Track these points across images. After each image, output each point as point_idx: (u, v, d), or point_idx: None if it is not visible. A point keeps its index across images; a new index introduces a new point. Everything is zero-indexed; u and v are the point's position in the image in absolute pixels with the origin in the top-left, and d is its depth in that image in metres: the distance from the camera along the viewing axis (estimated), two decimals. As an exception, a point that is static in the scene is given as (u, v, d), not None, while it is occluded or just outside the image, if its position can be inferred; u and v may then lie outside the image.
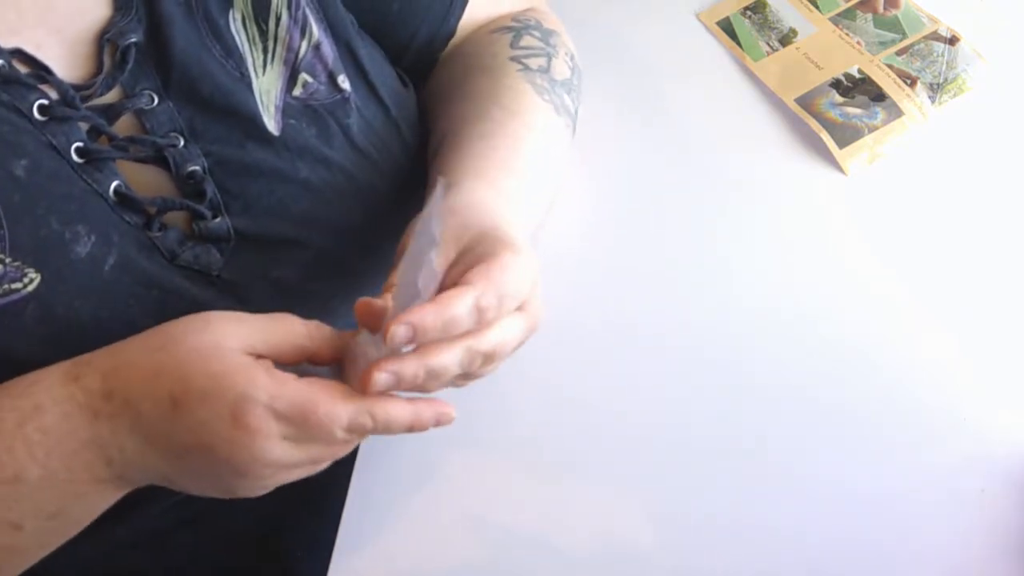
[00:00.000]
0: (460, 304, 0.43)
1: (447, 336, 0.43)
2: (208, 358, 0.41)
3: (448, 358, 0.44)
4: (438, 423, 0.45)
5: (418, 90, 0.66)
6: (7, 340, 0.45)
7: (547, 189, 0.61)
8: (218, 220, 0.52)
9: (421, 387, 0.44)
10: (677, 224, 0.72)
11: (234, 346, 0.42)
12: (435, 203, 0.40)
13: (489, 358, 0.46)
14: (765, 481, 0.60)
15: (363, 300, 0.44)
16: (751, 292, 0.68)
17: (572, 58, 0.68)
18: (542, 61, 0.64)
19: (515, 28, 0.66)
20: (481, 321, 0.44)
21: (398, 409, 0.43)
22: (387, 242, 0.59)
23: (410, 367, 0.42)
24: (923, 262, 0.68)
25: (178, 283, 0.51)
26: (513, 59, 0.64)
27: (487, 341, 0.45)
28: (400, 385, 0.43)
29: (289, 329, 0.44)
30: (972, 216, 0.71)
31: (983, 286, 0.67)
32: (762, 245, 0.70)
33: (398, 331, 0.41)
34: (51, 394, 0.42)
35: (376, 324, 0.43)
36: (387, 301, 0.43)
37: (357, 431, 0.43)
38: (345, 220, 0.56)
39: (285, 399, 0.41)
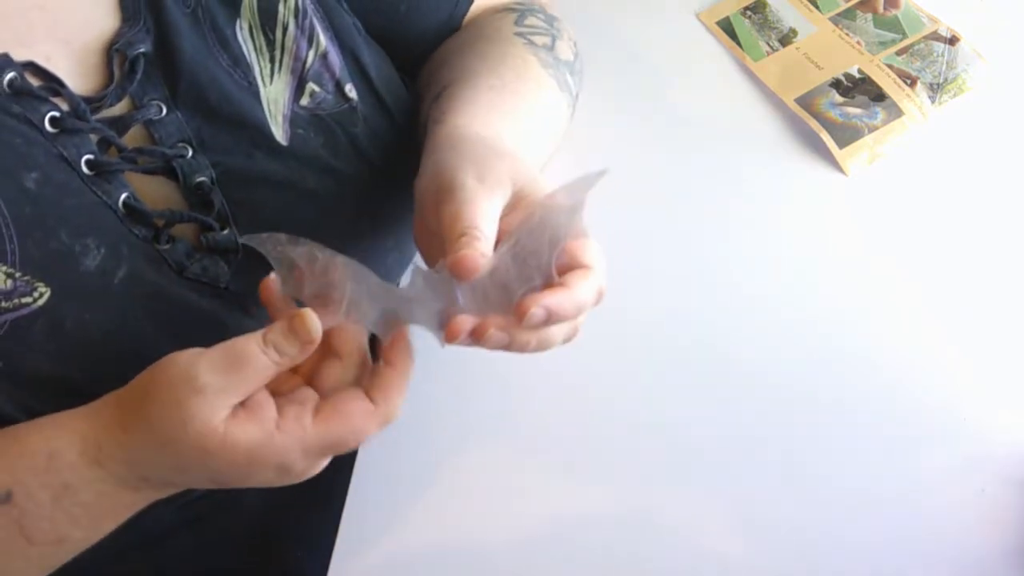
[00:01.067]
0: (588, 290, 0.44)
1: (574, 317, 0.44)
2: (220, 453, 0.41)
3: (557, 331, 0.45)
4: None
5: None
6: (17, 354, 0.45)
7: (544, 153, 0.60)
8: (226, 232, 0.52)
9: (521, 351, 0.44)
10: (677, 224, 0.72)
11: (221, 423, 0.41)
12: (578, 192, 0.41)
13: (575, 331, 0.47)
14: (765, 480, 0.60)
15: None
16: (751, 292, 0.68)
17: (575, 44, 0.68)
18: (547, 40, 0.64)
19: (519, 9, 0.66)
20: (598, 300, 0.45)
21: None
22: (394, 250, 0.59)
23: (524, 335, 0.43)
24: (923, 262, 0.68)
25: (186, 296, 0.51)
26: (518, 34, 0.63)
27: (584, 315, 0.46)
28: (511, 345, 0.43)
29: (256, 373, 0.41)
30: (972, 216, 0.71)
31: (983, 286, 0.67)
32: (762, 245, 0.70)
33: (537, 313, 0.41)
34: (79, 475, 0.42)
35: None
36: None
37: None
38: (352, 228, 0.56)
39: (313, 444, 0.42)
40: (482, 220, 0.44)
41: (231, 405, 0.41)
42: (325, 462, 0.44)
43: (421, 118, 0.62)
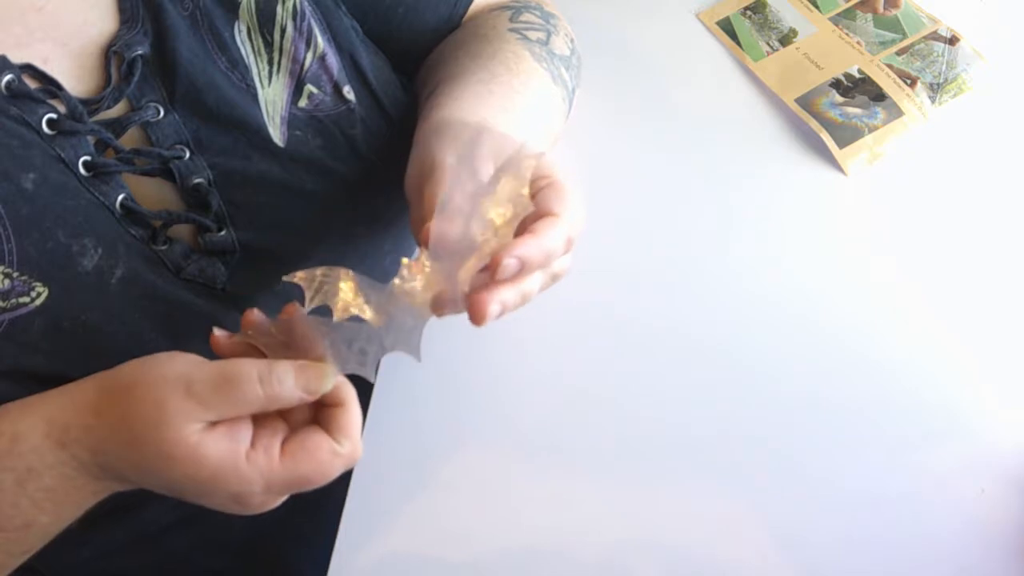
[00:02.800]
0: (556, 236, 0.44)
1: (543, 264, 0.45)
2: (186, 462, 0.40)
3: (536, 281, 0.46)
4: None
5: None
6: (16, 353, 0.46)
7: (539, 143, 0.60)
8: (223, 233, 0.52)
9: (513, 308, 0.46)
10: (677, 224, 0.72)
11: (196, 435, 0.40)
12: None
13: (558, 277, 0.48)
14: (766, 480, 0.60)
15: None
16: (751, 292, 0.68)
17: (572, 41, 0.68)
18: (541, 35, 0.64)
19: (514, 7, 0.66)
20: (568, 247, 0.46)
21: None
22: (391, 251, 0.59)
23: (511, 296, 0.45)
24: (923, 262, 0.68)
25: (183, 296, 0.51)
26: (512, 30, 0.64)
27: (561, 264, 0.47)
28: (503, 311, 0.45)
29: (244, 400, 0.41)
30: (972, 216, 0.71)
31: (983, 286, 0.67)
32: (762, 245, 0.70)
33: (509, 264, 0.43)
34: (42, 459, 0.42)
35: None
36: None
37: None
38: (349, 229, 0.56)
39: (278, 481, 0.42)
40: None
41: (205, 421, 0.41)
42: (283, 498, 0.44)
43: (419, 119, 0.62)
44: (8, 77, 0.46)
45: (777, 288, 0.68)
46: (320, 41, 0.55)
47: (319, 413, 0.44)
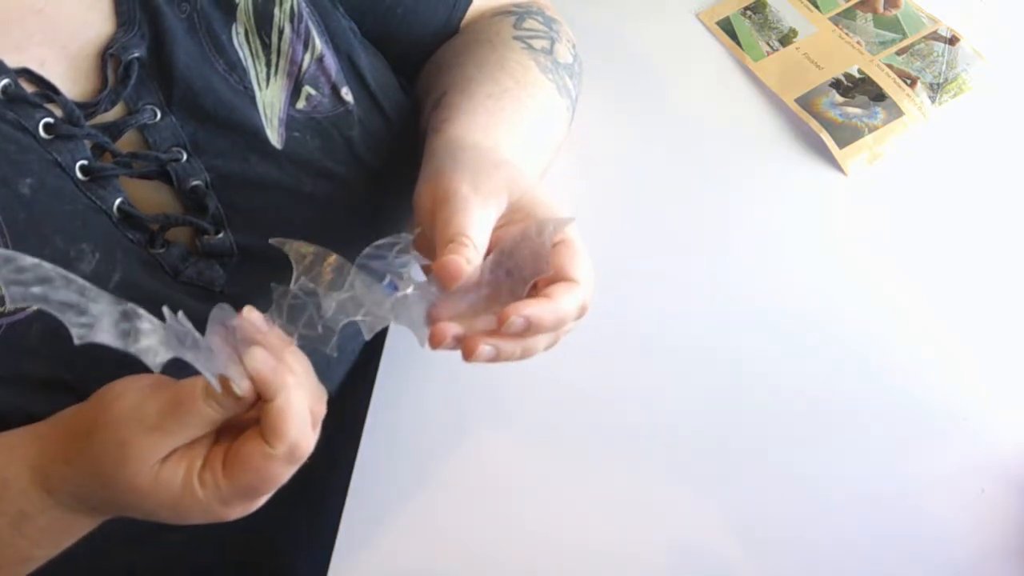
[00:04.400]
0: (571, 302, 0.44)
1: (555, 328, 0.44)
2: (151, 493, 0.41)
3: (540, 341, 0.46)
4: None
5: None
6: (14, 359, 0.46)
7: (545, 160, 0.60)
8: (221, 235, 0.52)
9: (507, 359, 0.45)
10: (677, 224, 0.72)
11: (158, 463, 0.40)
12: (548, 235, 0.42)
13: (559, 338, 0.48)
14: (765, 480, 0.60)
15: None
16: (751, 292, 0.68)
17: (574, 47, 0.68)
18: (545, 43, 0.64)
19: (517, 12, 0.66)
20: (581, 314, 0.45)
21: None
22: None
23: (509, 346, 0.44)
24: (923, 262, 0.68)
25: (181, 300, 0.51)
26: (517, 38, 0.63)
27: (569, 327, 0.47)
28: (497, 358, 0.44)
29: (200, 421, 0.41)
30: (972, 216, 0.71)
31: (983, 286, 0.67)
32: (762, 245, 0.70)
33: (515, 321, 0.42)
34: (32, 504, 0.42)
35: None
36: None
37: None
38: (347, 231, 0.56)
39: (229, 495, 0.41)
40: (472, 228, 0.44)
41: (173, 447, 0.41)
42: (259, 502, 0.43)
43: (421, 126, 0.62)
44: (4, 81, 0.46)
45: (777, 288, 0.68)
46: (318, 43, 0.55)
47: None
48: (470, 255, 0.43)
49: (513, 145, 0.55)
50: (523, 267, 0.44)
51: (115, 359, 0.47)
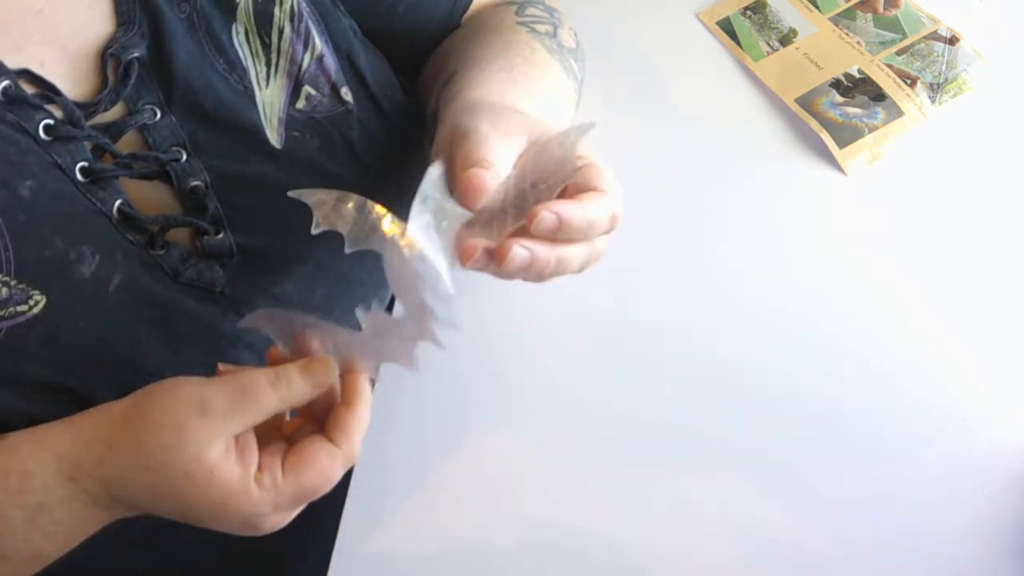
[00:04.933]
0: (600, 208, 0.43)
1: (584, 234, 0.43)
2: (202, 485, 0.41)
3: (576, 252, 0.44)
4: None
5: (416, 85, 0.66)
6: (14, 362, 0.45)
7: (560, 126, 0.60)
8: (221, 236, 0.52)
9: (540, 273, 0.44)
10: (677, 224, 0.72)
11: (214, 454, 0.41)
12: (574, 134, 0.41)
13: (596, 257, 0.46)
14: (765, 480, 0.60)
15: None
16: (751, 292, 0.68)
17: (575, 34, 0.68)
18: (549, 28, 0.64)
19: (518, 1, 0.67)
20: (612, 225, 0.44)
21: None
22: None
23: (544, 251, 0.43)
24: (923, 262, 0.68)
25: (181, 301, 0.51)
26: (521, 23, 0.64)
27: (602, 242, 0.46)
28: (532, 265, 0.43)
29: (260, 407, 0.42)
30: (972, 216, 0.71)
31: (983, 286, 0.67)
32: (762, 245, 0.70)
33: (546, 216, 0.41)
34: (53, 495, 0.43)
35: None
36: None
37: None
38: None
39: (286, 498, 0.43)
40: (493, 156, 0.43)
41: (231, 434, 0.42)
42: (292, 516, 0.45)
43: (430, 108, 0.61)
44: (4, 83, 0.46)
45: (777, 288, 0.68)
46: (318, 42, 0.55)
47: (329, 413, 0.45)
48: (492, 175, 0.42)
49: (531, 108, 0.54)
50: (548, 175, 0.43)
51: (113, 361, 0.47)
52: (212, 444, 0.41)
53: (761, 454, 0.61)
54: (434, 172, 0.44)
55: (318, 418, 0.45)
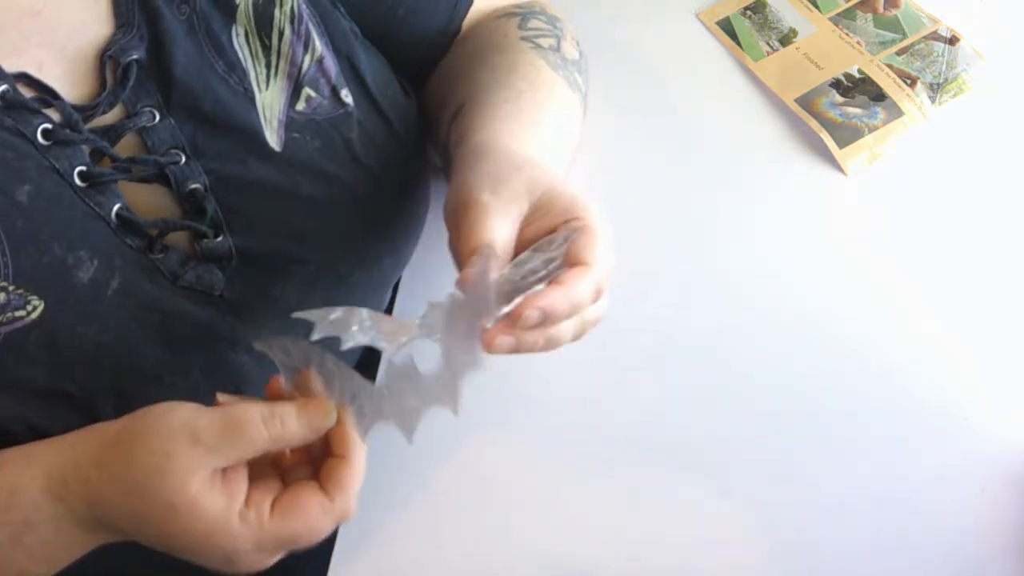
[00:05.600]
0: (584, 287, 0.44)
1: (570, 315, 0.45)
2: (184, 515, 0.41)
3: (564, 329, 0.46)
4: None
5: (419, 93, 0.66)
6: (12, 368, 0.45)
7: (568, 153, 0.61)
8: (220, 239, 0.52)
9: (530, 352, 0.46)
10: (676, 224, 0.72)
11: (198, 484, 0.41)
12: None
13: (592, 324, 0.48)
14: (765, 480, 0.60)
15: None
16: (751, 291, 0.68)
17: (578, 44, 0.68)
18: (552, 41, 0.64)
19: (521, 12, 0.66)
20: (597, 296, 0.46)
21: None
22: (387, 254, 0.59)
23: (530, 336, 0.45)
24: (923, 262, 0.68)
25: (180, 305, 0.51)
26: (524, 39, 0.64)
27: (595, 311, 0.47)
28: (520, 349, 0.45)
29: (251, 444, 0.42)
30: (972, 216, 0.71)
31: (983, 286, 0.67)
32: (762, 245, 0.70)
33: (531, 315, 0.43)
34: (40, 512, 0.43)
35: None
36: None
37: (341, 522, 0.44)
38: (345, 234, 0.56)
39: (269, 538, 0.42)
40: (494, 234, 0.45)
41: (214, 467, 0.41)
42: (276, 558, 0.44)
43: (440, 138, 0.62)
44: (3, 87, 0.46)
45: (777, 288, 0.68)
46: (318, 44, 0.55)
47: (321, 464, 0.44)
48: (491, 264, 0.44)
49: (538, 143, 0.55)
50: (538, 270, 0.45)
51: (112, 366, 0.47)
52: (196, 474, 0.41)
53: (760, 454, 0.61)
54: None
55: (315, 459, 0.45)
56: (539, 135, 0.56)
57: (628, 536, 0.58)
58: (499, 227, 0.46)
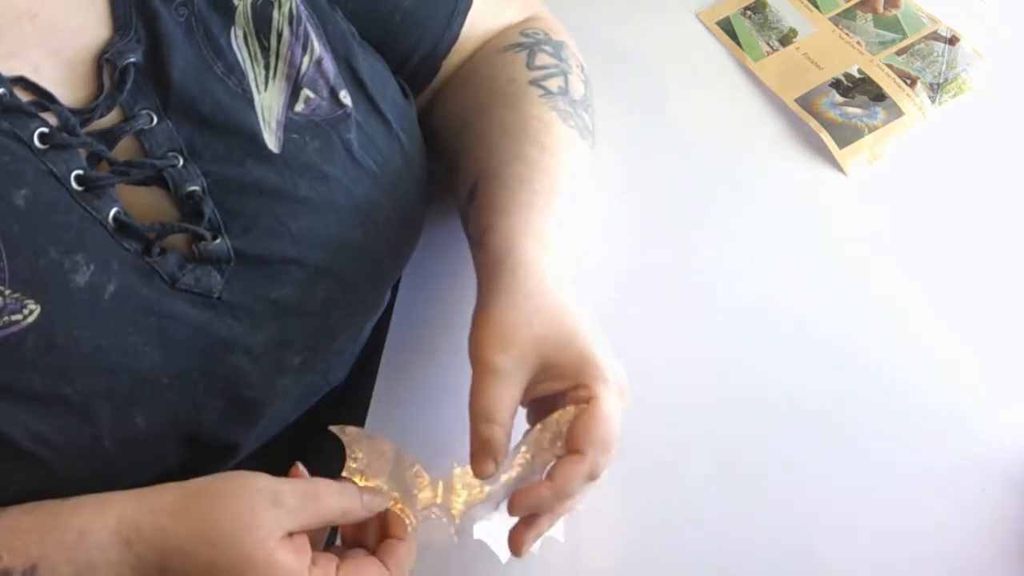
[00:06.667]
0: (575, 478, 0.48)
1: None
2: (259, 567, 0.44)
3: (568, 504, 0.50)
4: None
5: (418, 97, 0.66)
6: (8, 372, 0.45)
7: (584, 221, 0.62)
8: (218, 241, 0.52)
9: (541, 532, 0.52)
10: (676, 224, 0.72)
11: (276, 541, 0.45)
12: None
13: (583, 496, 0.51)
14: (764, 480, 0.60)
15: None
16: (750, 292, 0.68)
17: (583, 70, 0.68)
18: (560, 82, 0.64)
19: (527, 45, 0.66)
20: (592, 479, 0.49)
21: None
22: (386, 256, 0.59)
23: (535, 526, 0.50)
24: (923, 262, 0.69)
25: (178, 308, 0.50)
26: (533, 83, 0.64)
27: (589, 490, 0.51)
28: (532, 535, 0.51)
29: (325, 513, 0.47)
30: (972, 216, 0.71)
31: (983, 286, 0.67)
32: (762, 245, 0.70)
33: (523, 513, 0.49)
34: (104, 555, 0.44)
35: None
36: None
37: None
38: (344, 236, 0.56)
39: None
40: (499, 410, 0.49)
41: (291, 528, 0.45)
42: None
43: (458, 205, 0.63)
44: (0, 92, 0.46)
45: (776, 288, 0.68)
46: (316, 46, 0.55)
47: (381, 543, 0.50)
48: (498, 443, 0.49)
49: (553, 225, 0.57)
50: (545, 453, 0.50)
51: (109, 370, 0.47)
52: (275, 532, 0.44)
53: (758, 455, 0.61)
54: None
55: (358, 540, 0.51)
56: (555, 217, 0.57)
57: (628, 534, 0.58)
58: (504, 398, 0.49)
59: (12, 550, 0.44)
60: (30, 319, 0.45)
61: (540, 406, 0.53)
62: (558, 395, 0.51)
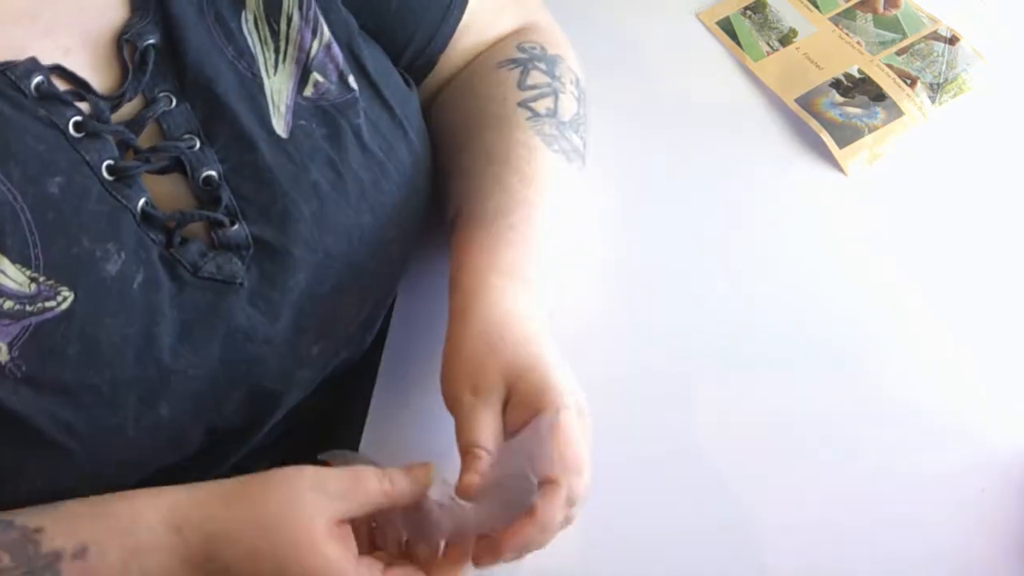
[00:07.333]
0: (553, 509, 0.48)
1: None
2: (304, 552, 0.45)
3: (548, 535, 0.50)
4: None
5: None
6: (39, 358, 0.45)
7: (565, 251, 0.61)
8: (236, 227, 0.52)
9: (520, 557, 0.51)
10: (676, 224, 0.72)
11: (323, 527, 0.46)
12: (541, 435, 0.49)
13: (565, 525, 0.51)
14: (764, 480, 0.60)
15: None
16: (750, 292, 0.68)
17: (577, 84, 0.68)
18: (549, 103, 0.64)
19: (521, 61, 0.66)
20: (572, 503, 0.50)
21: None
22: (395, 242, 0.59)
23: (513, 552, 0.50)
24: (923, 262, 0.69)
25: (202, 296, 0.51)
26: (522, 104, 0.64)
27: (572, 512, 0.51)
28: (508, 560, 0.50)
29: (368, 495, 0.48)
30: (972, 216, 0.71)
31: (983, 286, 0.67)
32: (762, 245, 0.70)
33: (509, 555, 0.49)
34: (153, 539, 0.46)
35: None
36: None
37: None
38: (354, 221, 0.56)
39: None
40: (480, 436, 0.50)
41: (338, 515, 0.46)
42: None
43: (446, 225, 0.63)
44: (38, 79, 0.46)
45: (776, 288, 0.68)
46: (326, 30, 0.56)
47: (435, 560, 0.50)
48: (483, 465, 0.49)
49: (528, 262, 0.57)
50: (525, 475, 0.49)
51: (136, 359, 0.48)
52: (321, 517, 0.45)
53: (758, 455, 0.61)
54: None
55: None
56: (526, 252, 0.58)
57: (628, 535, 0.58)
58: (482, 427, 0.50)
59: (63, 532, 0.45)
60: (63, 306, 0.46)
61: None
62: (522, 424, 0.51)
